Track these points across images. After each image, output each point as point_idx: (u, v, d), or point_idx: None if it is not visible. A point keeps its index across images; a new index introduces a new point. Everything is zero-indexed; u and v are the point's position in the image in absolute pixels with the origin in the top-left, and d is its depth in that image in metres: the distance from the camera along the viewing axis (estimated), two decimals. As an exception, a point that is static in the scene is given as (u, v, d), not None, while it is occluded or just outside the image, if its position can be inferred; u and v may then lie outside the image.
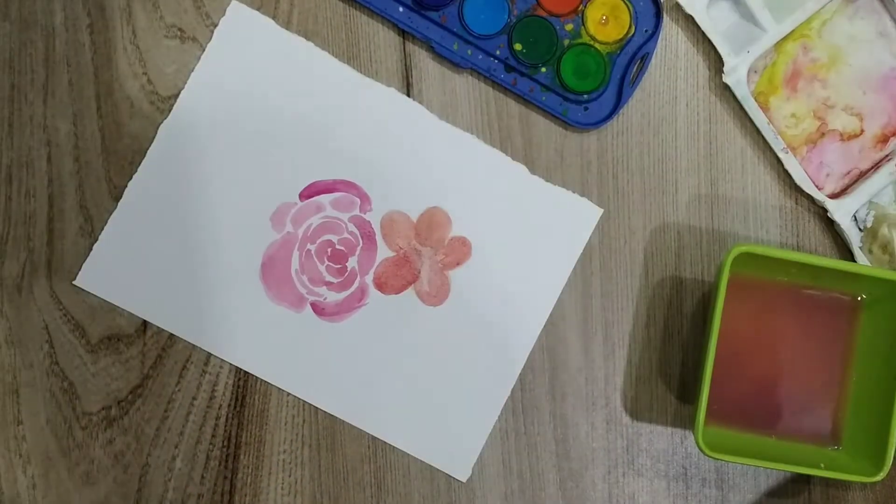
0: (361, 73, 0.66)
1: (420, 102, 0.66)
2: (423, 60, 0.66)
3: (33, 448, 0.64)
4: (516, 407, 0.66)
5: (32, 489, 0.64)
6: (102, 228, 0.64)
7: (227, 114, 0.65)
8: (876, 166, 0.67)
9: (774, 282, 0.65)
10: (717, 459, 0.61)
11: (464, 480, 0.66)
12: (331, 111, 0.65)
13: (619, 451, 0.67)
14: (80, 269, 0.64)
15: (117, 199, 0.64)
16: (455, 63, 0.65)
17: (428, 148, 0.66)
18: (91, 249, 0.64)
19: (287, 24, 0.65)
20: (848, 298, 0.65)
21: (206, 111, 0.65)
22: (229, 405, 0.65)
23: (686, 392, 0.67)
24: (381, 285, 0.66)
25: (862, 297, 0.65)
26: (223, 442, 0.65)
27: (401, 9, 0.65)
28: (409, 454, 0.66)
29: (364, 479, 0.66)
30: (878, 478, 0.61)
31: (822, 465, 0.63)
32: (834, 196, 0.67)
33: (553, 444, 0.66)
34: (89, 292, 0.64)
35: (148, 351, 0.65)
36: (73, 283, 0.64)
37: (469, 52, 0.65)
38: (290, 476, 0.65)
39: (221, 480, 0.65)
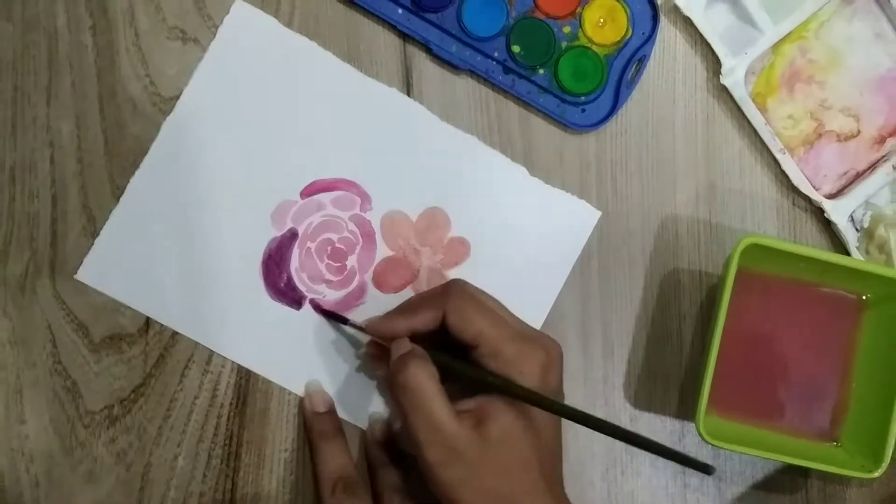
0: (362, 74, 0.66)
1: (420, 104, 0.66)
2: (424, 62, 0.66)
3: (36, 447, 0.64)
4: (515, 406, 0.66)
5: (35, 487, 0.64)
6: (108, 219, 0.64)
7: (230, 111, 0.65)
8: (872, 167, 0.67)
9: (779, 277, 0.65)
10: (717, 447, 0.61)
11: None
12: (332, 110, 0.66)
13: (618, 449, 0.67)
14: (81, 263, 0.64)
15: (120, 199, 0.64)
16: (453, 65, 0.65)
17: (429, 148, 0.66)
18: (96, 238, 0.64)
19: (288, 26, 0.65)
20: (852, 297, 0.65)
21: (209, 108, 0.65)
22: (231, 404, 0.65)
23: (684, 391, 0.67)
24: (379, 284, 0.66)
25: (867, 296, 0.65)
26: (225, 440, 0.65)
27: (399, 10, 0.65)
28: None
29: (364, 479, 0.66)
30: (876, 475, 0.61)
31: (820, 460, 0.63)
32: (831, 197, 0.67)
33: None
34: (91, 291, 0.64)
35: (150, 350, 0.65)
36: (75, 277, 0.64)
37: (467, 53, 0.65)
38: (291, 475, 0.66)
39: (223, 479, 0.65)
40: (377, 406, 0.66)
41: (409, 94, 0.66)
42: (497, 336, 0.57)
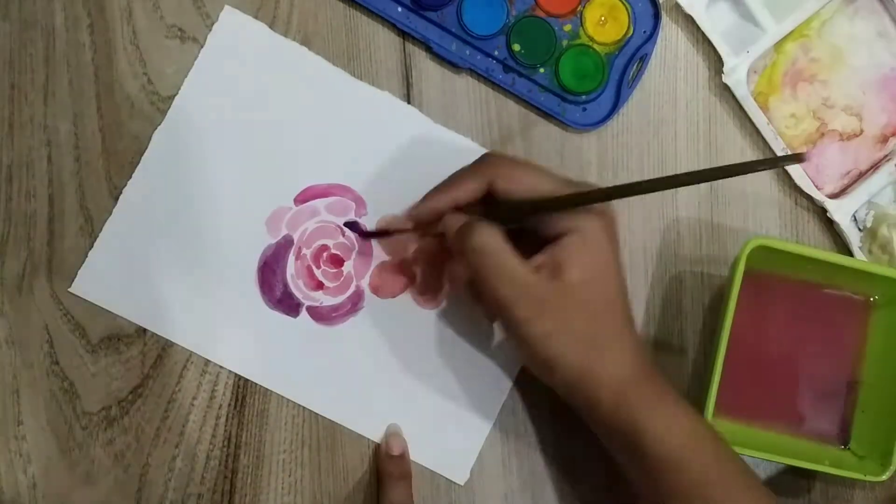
0: (361, 73, 0.66)
1: (420, 103, 0.66)
2: (424, 61, 0.66)
3: (34, 448, 0.64)
4: (515, 407, 0.66)
5: (33, 489, 0.64)
6: (102, 229, 0.64)
7: (222, 118, 0.65)
8: (875, 166, 0.67)
9: (786, 278, 0.65)
10: None
11: (462, 483, 0.66)
12: (325, 115, 0.65)
13: (619, 451, 0.67)
14: (76, 275, 0.64)
15: (118, 199, 0.64)
16: (453, 63, 0.65)
17: (423, 151, 0.66)
18: (90, 251, 0.64)
19: (287, 25, 0.65)
20: (860, 298, 0.65)
21: (201, 116, 0.65)
22: (229, 405, 0.65)
23: (688, 394, 0.67)
24: (376, 289, 0.65)
25: (874, 298, 0.65)
26: (223, 442, 0.65)
27: (399, 8, 0.65)
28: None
29: (364, 480, 0.66)
30: (884, 478, 0.61)
31: (828, 463, 0.63)
32: (833, 196, 0.67)
33: (552, 444, 0.66)
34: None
35: (148, 351, 0.65)
36: (69, 290, 0.64)
37: (467, 52, 0.65)
38: (290, 476, 0.65)
39: (221, 480, 0.65)
40: (377, 412, 0.66)
41: (408, 93, 0.66)
42: (551, 188, 0.57)
